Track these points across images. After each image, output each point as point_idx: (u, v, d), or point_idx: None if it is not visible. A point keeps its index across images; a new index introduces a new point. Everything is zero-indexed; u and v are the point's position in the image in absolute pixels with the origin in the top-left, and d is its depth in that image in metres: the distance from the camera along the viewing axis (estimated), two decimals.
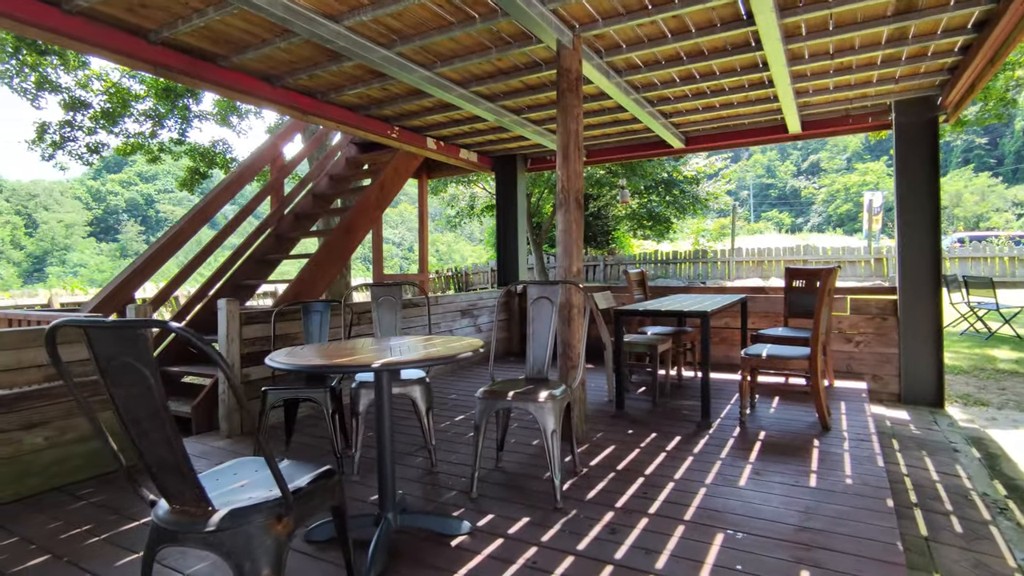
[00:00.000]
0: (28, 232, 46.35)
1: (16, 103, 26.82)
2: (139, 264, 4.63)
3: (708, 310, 3.88)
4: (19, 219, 46.53)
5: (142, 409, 1.33)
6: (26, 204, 47.94)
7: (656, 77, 4.53)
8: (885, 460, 3.22)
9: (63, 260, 45.46)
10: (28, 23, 3.15)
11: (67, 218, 47.81)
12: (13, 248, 44.73)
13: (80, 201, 51.01)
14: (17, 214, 46.93)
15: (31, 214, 47.66)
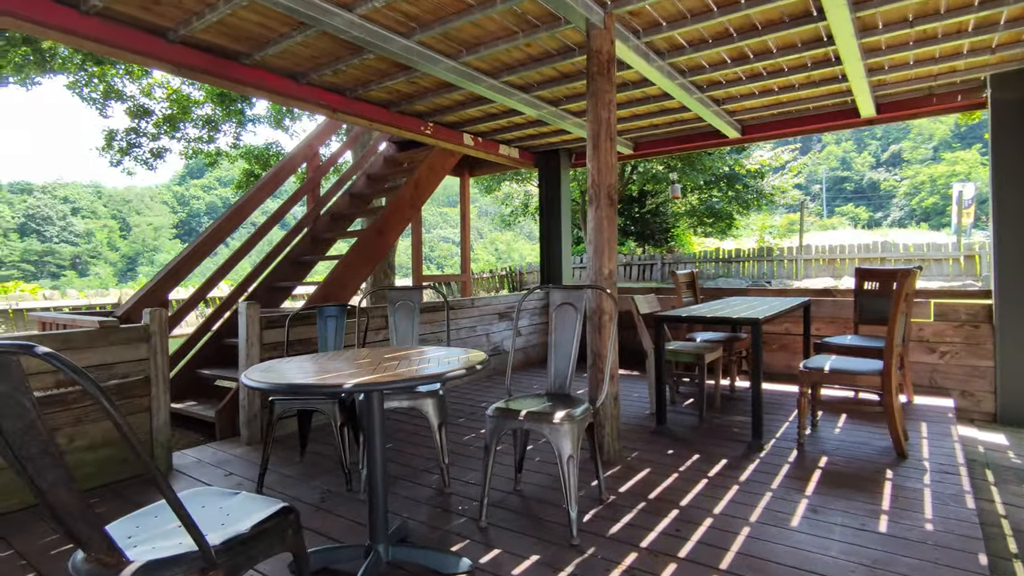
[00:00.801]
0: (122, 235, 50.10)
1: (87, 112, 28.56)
2: (173, 266, 4.65)
3: (760, 316, 3.44)
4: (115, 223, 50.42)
5: (32, 445, 1.14)
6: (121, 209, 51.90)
7: (703, 58, 4.10)
8: (976, 497, 2.71)
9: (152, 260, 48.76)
10: (48, 26, 3.13)
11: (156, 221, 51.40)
12: (110, 249, 48.40)
13: (167, 205, 54.68)
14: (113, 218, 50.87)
15: (125, 218, 51.59)
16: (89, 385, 1.08)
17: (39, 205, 47.16)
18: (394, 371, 1.92)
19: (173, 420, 4.43)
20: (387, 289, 3.47)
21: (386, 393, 2.89)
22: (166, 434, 3.33)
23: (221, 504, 1.55)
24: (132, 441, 1.14)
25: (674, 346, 4.30)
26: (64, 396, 2.98)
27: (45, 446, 1.13)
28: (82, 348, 3.03)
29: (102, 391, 1.11)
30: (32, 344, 1.05)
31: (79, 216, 49.21)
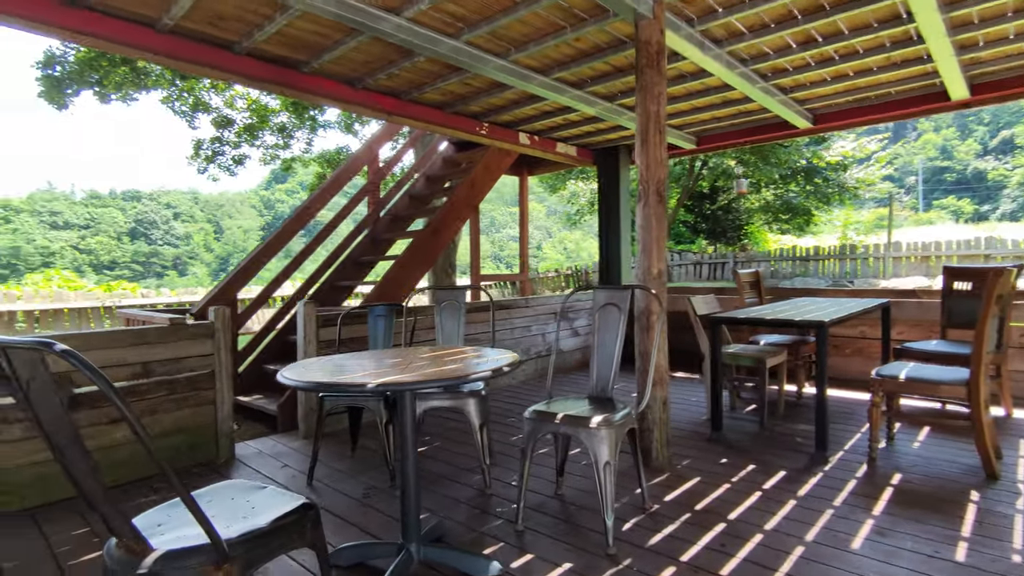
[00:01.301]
0: (216, 237, 54.05)
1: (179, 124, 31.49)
2: (242, 266, 4.92)
3: (826, 319, 3.19)
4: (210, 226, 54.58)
5: (62, 435, 1.22)
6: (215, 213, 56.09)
7: (765, 45, 3.86)
8: None
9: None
10: (129, 44, 3.37)
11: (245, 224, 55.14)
12: (205, 251, 52.34)
13: (255, 209, 58.45)
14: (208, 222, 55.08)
15: (219, 221, 55.70)
16: (102, 383, 1.14)
17: (146, 211, 51.65)
18: (421, 371, 1.92)
19: (241, 412, 4.69)
20: (433, 288, 3.51)
21: (425, 392, 2.92)
22: (229, 425, 3.53)
23: (248, 498, 1.60)
24: (144, 440, 1.19)
25: (734, 349, 4.09)
26: (138, 387, 3.21)
27: (74, 437, 1.21)
28: (154, 343, 3.26)
29: (115, 390, 1.17)
30: (52, 342, 1.11)
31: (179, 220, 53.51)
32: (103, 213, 50.21)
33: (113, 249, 47.04)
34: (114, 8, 3.16)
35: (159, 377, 3.28)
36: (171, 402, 3.34)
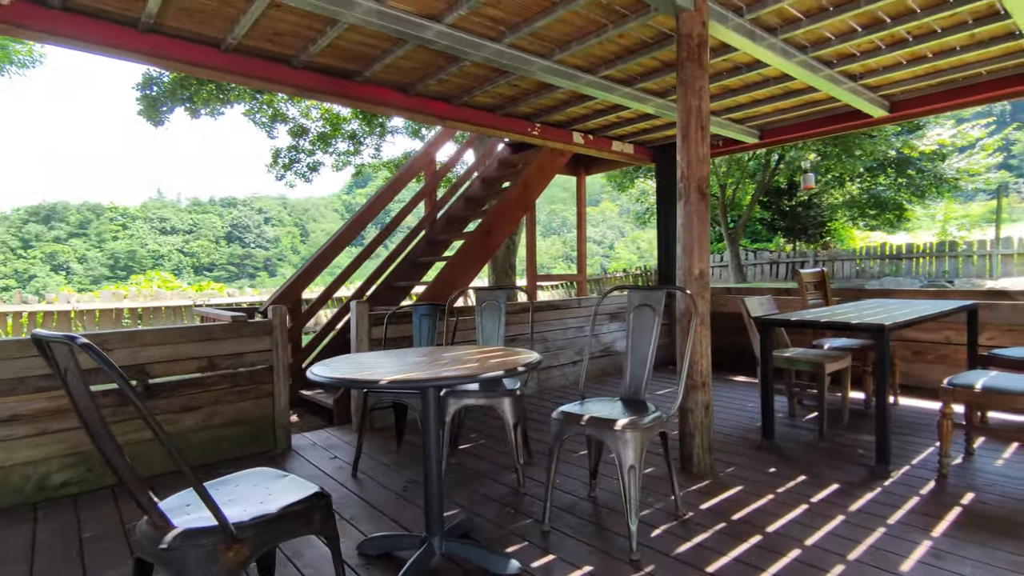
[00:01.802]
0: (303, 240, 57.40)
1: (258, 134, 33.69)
2: (305, 267, 5.21)
3: (887, 323, 2.96)
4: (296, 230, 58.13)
5: (93, 420, 1.35)
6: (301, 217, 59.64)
7: (827, 30, 3.64)
8: None
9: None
10: (197, 64, 3.66)
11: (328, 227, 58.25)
12: (292, 253, 55.71)
13: (337, 213, 61.54)
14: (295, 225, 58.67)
15: (304, 225, 59.16)
16: (119, 380, 1.25)
17: (240, 216, 55.64)
18: (434, 370, 1.97)
19: (304, 406, 4.97)
20: (478, 289, 3.56)
21: (459, 391, 2.97)
22: (286, 417, 3.75)
23: (268, 485, 1.71)
24: (159, 434, 1.30)
25: (791, 353, 3.87)
26: (204, 380, 3.48)
27: (102, 422, 1.34)
28: (219, 339, 3.52)
29: (131, 387, 1.28)
30: (76, 336, 1.24)
31: (270, 224, 57.23)
32: (203, 219, 54.59)
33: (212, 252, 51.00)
34: (183, 31, 3.44)
35: (223, 371, 3.54)
36: (234, 394, 3.59)
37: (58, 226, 47.40)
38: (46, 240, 45.95)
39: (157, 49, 3.44)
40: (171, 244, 50.56)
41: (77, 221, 48.45)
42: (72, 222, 48.24)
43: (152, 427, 1.28)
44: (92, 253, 46.40)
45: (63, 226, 47.61)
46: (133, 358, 3.23)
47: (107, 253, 47.03)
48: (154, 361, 3.29)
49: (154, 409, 3.29)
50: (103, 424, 1.33)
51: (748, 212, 16.90)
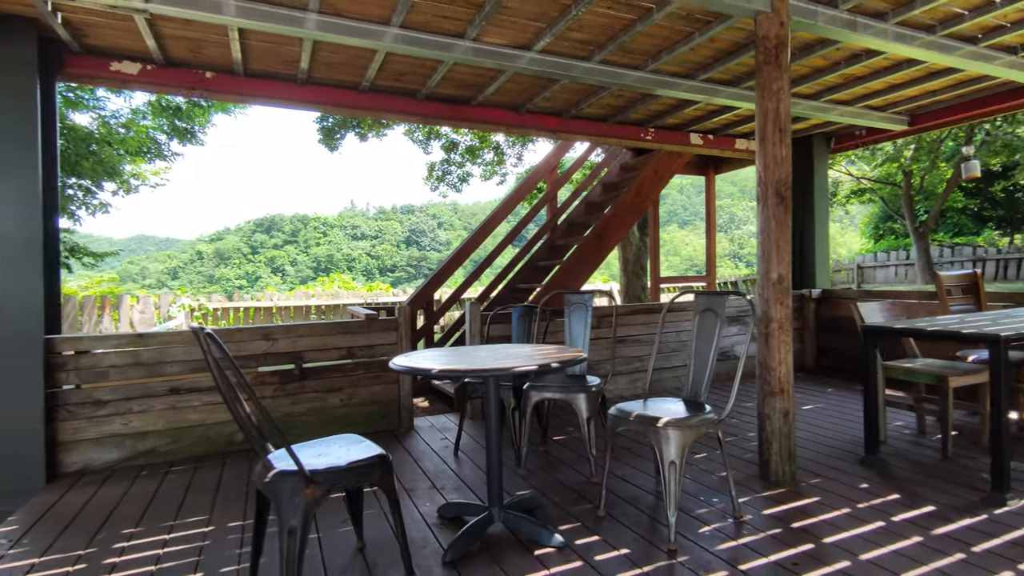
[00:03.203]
0: None
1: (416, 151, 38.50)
2: (437, 272, 5.89)
3: (1003, 334, 2.64)
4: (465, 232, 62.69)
5: (229, 393, 1.93)
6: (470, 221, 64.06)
7: (956, 5, 3.28)
8: None
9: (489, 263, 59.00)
10: (341, 105, 4.46)
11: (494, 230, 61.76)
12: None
13: None
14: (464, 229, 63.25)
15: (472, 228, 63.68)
16: (227, 362, 1.79)
17: (417, 221, 61.41)
18: (484, 364, 2.32)
19: (434, 393, 5.64)
20: (568, 292, 3.84)
21: (539, 385, 3.29)
22: (409, 401, 4.38)
23: (350, 447, 2.20)
24: (257, 403, 1.83)
25: (912, 364, 3.54)
26: (344, 366, 4.23)
27: (234, 391, 1.91)
28: (356, 333, 4.25)
29: (237, 369, 1.82)
30: (202, 327, 1.81)
31: (442, 228, 62.32)
32: (387, 225, 61.22)
33: (394, 255, 56.98)
34: (329, 80, 4.23)
35: (359, 359, 4.26)
36: (368, 379, 4.30)
37: (276, 235, 56.55)
38: (268, 247, 54.99)
39: (312, 97, 4.27)
40: (361, 248, 57.41)
41: (290, 230, 57.35)
42: (286, 231, 57.20)
43: (252, 398, 1.82)
44: (301, 257, 54.52)
45: (279, 234, 56.67)
46: (292, 346, 4.07)
47: (312, 257, 54.92)
48: (306, 350, 4.10)
49: (307, 388, 4.10)
50: (231, 395, 1.91)
51: (942, 201, 14.60)
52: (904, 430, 3.87)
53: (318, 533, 2.58)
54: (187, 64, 3.84)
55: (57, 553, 2.45)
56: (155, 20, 3.21)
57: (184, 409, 3.70)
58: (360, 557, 2.35)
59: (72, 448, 3.45)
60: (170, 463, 3.62)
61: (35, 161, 3.20)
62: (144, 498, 3.05)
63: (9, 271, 3.15)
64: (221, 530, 2.64)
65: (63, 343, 3.44)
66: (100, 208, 9.19)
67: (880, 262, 17.79)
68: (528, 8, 3.27)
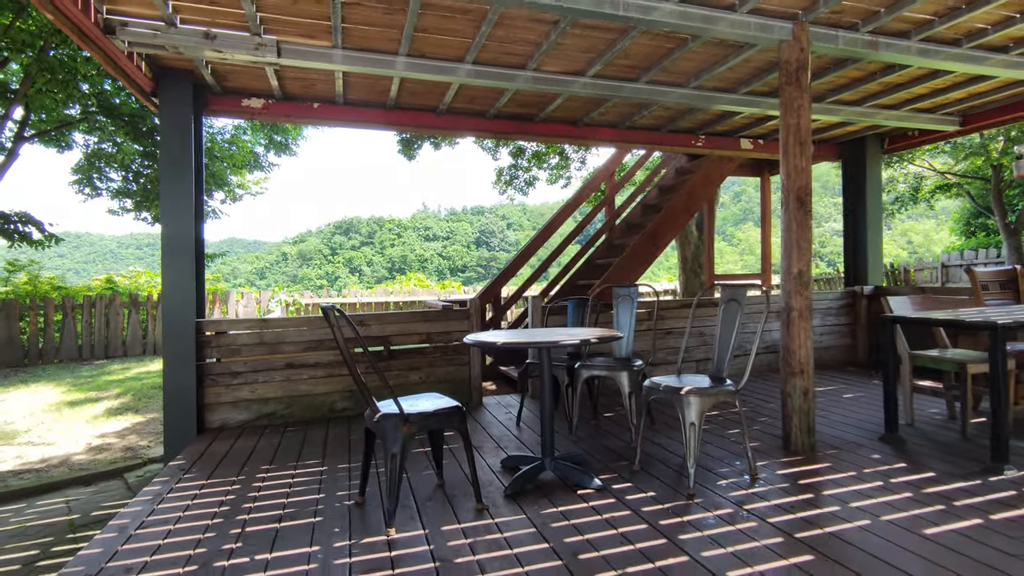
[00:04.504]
0: None
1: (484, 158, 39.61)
2: (504, 269, 6.54)
3: (1000, 322, 2.95)
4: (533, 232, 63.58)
5: (349, 359, 2.63)
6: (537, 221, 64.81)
7: (979, 20, 3.56)
8: None
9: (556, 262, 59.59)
10: (423, 125, 5.19)
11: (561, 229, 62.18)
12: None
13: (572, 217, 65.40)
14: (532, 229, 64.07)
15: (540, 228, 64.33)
16: (350, 327, 2.48)
17: (487, 222, 62.82)
18: (543, 339, 2.93)
19: (502, 378, 6.29)
20: (616, 286, 4.37)
21: (588, 364, 3.86)
22: (479, 381, 5.05)
23: (435, 400, 2.87)
24: (376, 367, 2.52)
25: (938, 352, 3.82)
26: (423, 349, 4.95)
27: (352, 360, 2.61)
28: (433, 321, 4.97)
29: (362, 342, 2.51)
30: (334, 305, 2.51)
31: (511, 229, 63.37)
32: (457, 227, 63.00)
33: (464, 255, 58.59)
34: (413, 105, 4.96)
35: (436, 344, 4.98)
36: (443, 361, 5.01)
37: (354, 236, 59.52)
38: (346, 248, 57.97)
39: (398, 120, 5.02)
40: (433, 249, 59.36)
41: (367, 232, 60.20)
42: (363, 233, 60.08)
43: (374, 366, 2.51)
44: (376, 258, 57.13)
45: (357, 236, 59.61)
46: (381, 331, 4.83)
47: (386, 258, 57.41)
48: (393, 334, 4.86)
49: (393, 367, 4.86)
50: (351, 362, 2.61)
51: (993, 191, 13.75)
52: (936, 416, 4.13)
53: (407, 473, 3.28)
54: (299, 98, 4.68)
55: (217, 478, 3.27)
56: (279, 66, 4.03)
57: (297, 381, 4.54)
58: (440, 491, 3.02)
59: (214, 409, 4.35)
60: (286, 424, 4.47)
61: (190, 180, 4.10)
62: (271, 447, 3.88)
63: (173, 267, 4.06)
64: (333, 469, 3.39)
65: (207, 325, 4.34)
66: (212, 214, 10.53)
67: (968, 260, 16.87)
68: (580, 44, 3.84)
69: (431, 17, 3.44)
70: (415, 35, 3.67)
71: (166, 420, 4.08)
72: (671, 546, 2.31)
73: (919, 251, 39.54)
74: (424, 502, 2.86)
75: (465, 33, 3.65)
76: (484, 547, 2.36)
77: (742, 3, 3.28)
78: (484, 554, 2.30)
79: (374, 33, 3.63)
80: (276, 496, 2.98)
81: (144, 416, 5.67)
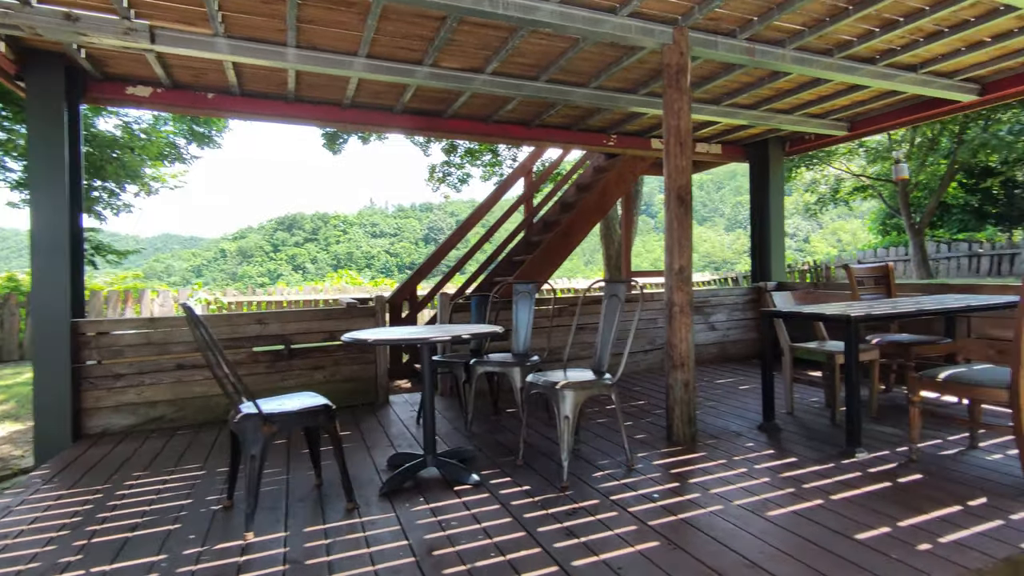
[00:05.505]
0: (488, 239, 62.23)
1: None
2: (419, 268, 6.49)
3: (854, 314, 3.15)
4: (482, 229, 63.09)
5: (212, 359, 2.54)
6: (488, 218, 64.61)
7: (844, 32, 3.76)
8: None
9: None
10: (327, 119, 5.06)
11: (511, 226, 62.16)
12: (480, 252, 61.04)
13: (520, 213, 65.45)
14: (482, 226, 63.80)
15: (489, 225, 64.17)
16: (202, 334, 2.39)
17: (435, 219, 62.19)
18: (417, 335, 2.91)
19: (417, 375, 6.22)
20: (516, 282, 4.40)
21: (483, 360, 3.87)
22: (385, 379, 4.99)
23: (304, 400, 2.80)
24: (228, 368, 2.44)
25: (814, 345, 4.04)
26: (327, 348, 4.85)
27: (216, 362, 2.52)
28: (337, 319, 4.87)
29: (212, 339, 2.43)
30: (190, 307, 2.41)
31: None
32: (405, 223, 62.10)
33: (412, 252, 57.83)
34: (315, 98, 4.84)
35: (340, 342, 4.88)
36: (348, 359, 4.92)
37: (297, 232, 57.73)
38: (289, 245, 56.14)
39: (300, 113, 4.89)
40: (380, 246, 58.27)
41: (311, 228, 58.47)
42: (307, 229, 58.32)
43: (225, 363, 2.42)
44: (321, 255, 55.58)
45: (301, 233, 57.82)
46: (282, 330, 4.69)
47: (332, 255, 55.95)
48: (295, 333, 4.73)
49: (294, 366, 4.73)
50: (215, 363, 2.52)
51: (936, 198, 14.81)
52: (815, 404, 4.36)
53: (288, 474, 3.20)
54: (191, 87, 4.48)
55: (80, 487, 3.10)
56: (162, 54, 3.85)
57: (189, 383, 4.35)
58: (317, 491, 2.96)
59: (94, 414, 4.11)
60: (176, 428, 4.28)
61: (62, 173, 3.86)
62: (152, 452, 3.71)
63: (41, 264, 3.81)
64: (211, 473, 3.27)
65: (86, 325, 4.10)
66: (124, 208, 9.98)
67: (880, 258, 17.97)
68: (473, 41, 3.84)
69: (313, 8, 3.36)
70: (302, 26, 3.57)
71: (37, 427, 3.83)
72: (528, 539, 2.34)
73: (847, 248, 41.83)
74: (296, 503, 2.79)
75: (353, 26, 3.59)
76: (341, 547, 2.32)
77: (623, 6, 3.35)
78: (339, 554, 2.26)
79: (259, 22, 3.51)
80: (139, 504, 2.84)
81: (25, 424, 5.32)
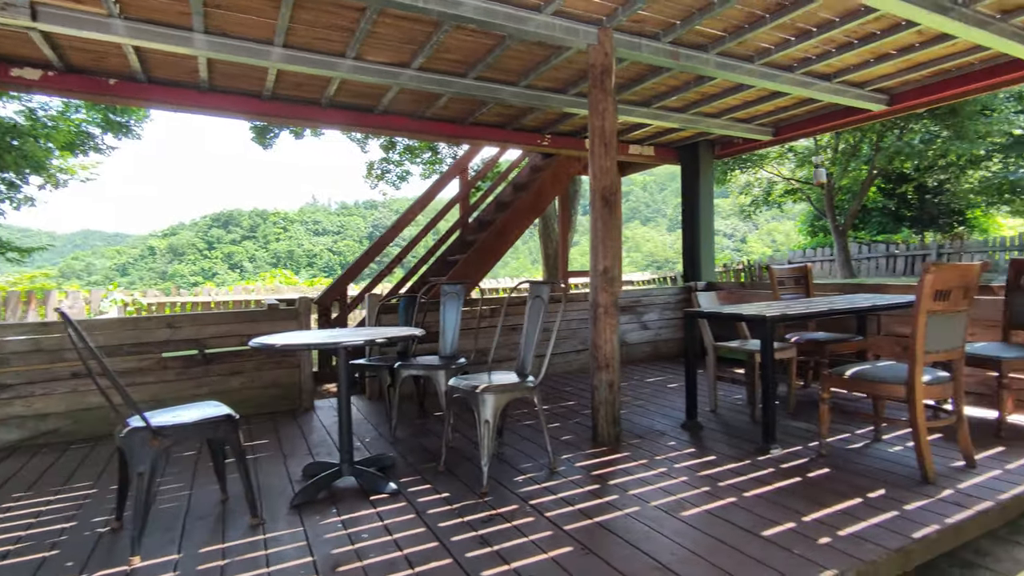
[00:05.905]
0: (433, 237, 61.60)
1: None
2: (349, 269, 6.28)
3: (769, 314, 3.23)
4: None
5: (96, 367, 2.32)
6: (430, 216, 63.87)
7: (763, 40, 3.87)
8: None
9: None
10: (245, 112, 4.79)
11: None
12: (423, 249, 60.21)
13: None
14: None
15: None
16: (85, 348, 2.18)
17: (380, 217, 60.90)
18: (310, 341, 2.77)
19: None
20: (444, 282, 4.31)
21: (408, 364, 3.75)
22: (309, 384, 4.78)
23: (205, 410, 2.61)
24: (113, 379, 2.23)
25: (736, 344, 4.14)
26: (246, 352, 4.60)
27: (104, 370, 2.30)
28: (259, 321, 4.62)
29: (91, 349, 2.22)
30: (64, 312, 2.19)
31: None
32: (349, 221, 60.58)
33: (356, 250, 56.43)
34: (232, 88, 4.57)
35: None
36: (270, 364, 4.68)
37: (234, 230, 55.30)
38: (225, 242, 53.72)
39: (216, 103, 4.61)
40: (323, 244, 56.58)
41: (248, 225, 56.12)
42: (245, 226, 55.96)
43: (109, 374, 2.21)
44: (260, 253, 53.43)
45: (238, 230, 55.42)
46: (197, 333, 4.42)
47: (271, 253, 53.88)
48: (211, 336, 4.46)
49: (210, 372, 4.46)
50: (91, 372, 2.30)
51: (858, 202, 15.70)
52: (739, 402, 4.48)
53: (191, 490, 2.99)
54: (89, 71, 4.14)
55: None
56: (50, 33, 3.52)
57: (85, 392, 4.02)
58: (221, 506, 2.77)
59: None
60: (70, 442, 3.95)
61: None
62: (39, 469, 3.39)
63: None
64: (103, 492, 3.01)
65: None
66: (26, 202, 9.22)
67: (808, 258, 18.90)
68: (397, 35, 3.71)
69: None
70: (210, 11, 3.34)
71: None
72: (440, 549, 2.25)
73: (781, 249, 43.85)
74: (195, 521, 2.60)
75: (267, 13, 3.39)
76: (238, 568, 2.17)
77: (547, 4, 3.32)
78: None
79: (159, 4, 3.27)
80: (13, 529, 2.58)
81: None
